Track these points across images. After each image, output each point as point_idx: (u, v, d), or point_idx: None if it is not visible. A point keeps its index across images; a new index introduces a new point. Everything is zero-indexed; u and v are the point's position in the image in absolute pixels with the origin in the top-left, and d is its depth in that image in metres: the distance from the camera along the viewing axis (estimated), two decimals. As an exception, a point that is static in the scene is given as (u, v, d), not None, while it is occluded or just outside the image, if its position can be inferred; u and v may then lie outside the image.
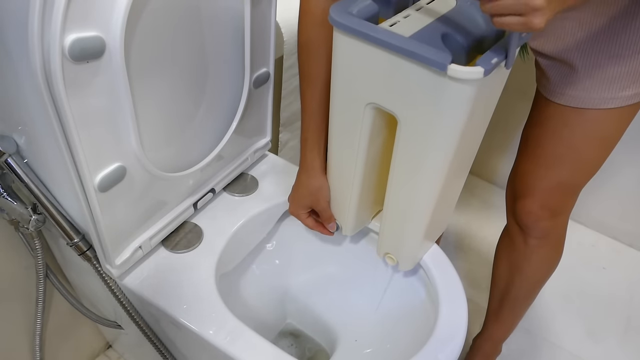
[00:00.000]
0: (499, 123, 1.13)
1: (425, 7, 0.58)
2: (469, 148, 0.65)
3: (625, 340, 1.24)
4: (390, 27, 0.54)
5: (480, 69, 0.48)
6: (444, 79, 0.50)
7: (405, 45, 0.51)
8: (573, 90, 0.69)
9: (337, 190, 0.74)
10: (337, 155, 0.70)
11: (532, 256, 0.87)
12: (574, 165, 0.75)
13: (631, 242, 1.47)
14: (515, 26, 0.44)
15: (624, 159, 1.35)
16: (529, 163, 0.79)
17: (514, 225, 0.87)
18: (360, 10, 0.55)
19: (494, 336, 1.06)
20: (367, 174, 0.69)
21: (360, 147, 0.65)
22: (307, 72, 0.67)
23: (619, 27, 0.63)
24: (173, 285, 0.70)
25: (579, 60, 0.67)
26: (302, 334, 0.98)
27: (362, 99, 0.59)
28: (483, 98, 0.55)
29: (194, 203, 0.78)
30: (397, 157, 0.62)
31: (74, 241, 0.68)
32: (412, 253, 0.75)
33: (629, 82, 0.66)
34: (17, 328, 0.87)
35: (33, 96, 0.50)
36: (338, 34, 0.56)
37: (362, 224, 0.80)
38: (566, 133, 0.72)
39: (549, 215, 0.80)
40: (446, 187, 0.64)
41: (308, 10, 0.63)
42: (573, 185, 0.78)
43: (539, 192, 0.78)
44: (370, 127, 0.62)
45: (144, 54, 0.56)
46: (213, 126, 0.76)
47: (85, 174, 0.55)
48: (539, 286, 0.94)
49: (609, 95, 0.67)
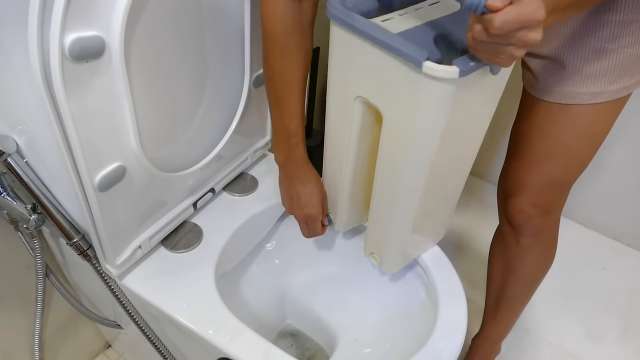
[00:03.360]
0: (498, 123, 1.13)
1: (426, 7, 0.58)
2: (459, 150, 0.65)
3: (625, 340, 1.24)
4: (381, 23, 0.54)
5: (456, 69, 0.48)
6: (420, 75, 0.50)
7: (386, 39, 0.51)
8: (561, 87, 0.69)
9: (330, 183, 0.75)
10: (330, 148, 0.70)
11: (525, 255, 0.87)
12: (564, 162, 0.75)
13: (631, 243, 1.47)
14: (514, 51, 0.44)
15: (624, 160, 1.35)
16: (519, 161, 0.79)
17: (506, 225, 0.86)
18: (356, 5, 0.56)
19: (492, 336, 1.06)
20: (359, 169, 0.69)
21: (351, 141, 0.65)
22: (286, 77, 0.68)
23: (604, 21, 0.62)
24: (173, 284, 0.70)
25: (567, 56, 0.66)
26: (302, 333, 0.98)
27: (351, 92, 0.60)
28: (466, 100, 0.55)
29: (194, 203, 0.78)
30: (381, 154, 0.63)
31: (73, 241, 0.68)
32: (396, 255, 0.74)
33: (616, 76, 0.65)
34: (17, 327, 0.87)
35: (33, 96, 0.50)
36: (333, 26, 0.57)
37: (356, 221, 0.80)
38: (555, 130, 0.72)
39: (541, 213, 0.80)
40: (432, 189, 0.64)
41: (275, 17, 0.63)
42: (563, 181, 0.78)
43: (530, 190, 0.78)
44: (360, 121, 0.63)
45: (143, 54, 0.56)
46: (213, 126, 0.76)
47: (85, 173, 0.55)
48: (535, 285, 0.94)
49: (597, 89, 0.67)
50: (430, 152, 0.57)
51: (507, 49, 0.44)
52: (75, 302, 0.86)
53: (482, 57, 0.47)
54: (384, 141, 0.61)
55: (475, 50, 0.47)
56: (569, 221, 1.52)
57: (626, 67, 0.65)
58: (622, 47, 0.64)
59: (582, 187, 1.44)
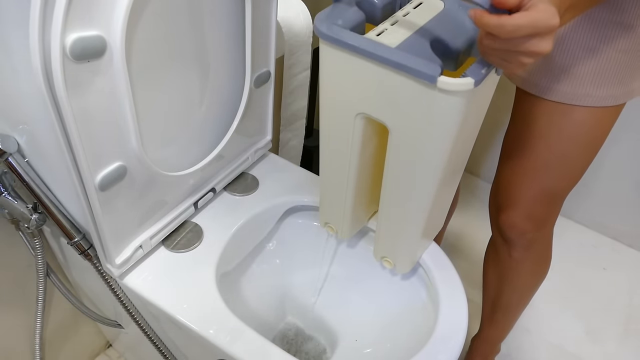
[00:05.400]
0: (497, 123, 1.13)
1: (413, 12, 0.57)
2: (462, 152, 0.65)
3: (625, 340, 1.24)
4: (377, 37, 0.53)
5: (471, 80, 0.47)
6: (434, 91, 0.49)
7: (393, 57, 0.49)
8: (547, 82, 0.67)
9: (331, 196, 0.73)
10: (329, 163, 0.69)
11: (518, 268, 0.85)
12: (560, 171, 0.73)
13: (631, 243, 1.47)
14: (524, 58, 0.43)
15: (624, 160, 1.35)
16: (513, 170, 0.77)
17: (498, 238, 0.85)
18: (346, 20, 0.53)
19: (491, 337, 1.06)
20: (361, 179, 0.69)
21: (353, 155, 0.64)
22: None
23: (598, 20, 0.61)
24: (173, 284, 0.70)
25: (556, 49, 0.65)
26: (302, 333, 0.98)
27: (352, 109, 0.58)
28: (474, 106, 0.55)
29: (195, 202, 0.78)
30: (390, 166, 0.61)
31: (74, 240, 0.68)
32: (408, 256, 0.74)
33: (602, 80, 0.64)
34: (18, 326, 0.87)
35: (34, 95, 0.50)
36: (324, 46, 0.54)
37: (359, 225, 0.80)
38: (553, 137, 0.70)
39: (534, 226, 0.78)
40: (440, 192, 0.63)
41: None
42: (558, 192, 0.76)
43: (524, 202, 0.76)
44: (362, 135, 0.61)
45: (145, 54, 0.56)
46: (214, 125, 0.76)
47: (86, 173, 0.55)
48: (531, 294, 0.92)
49: (582, 91, 0.65)
50: (442, 161, 0.56)
51: (517, 56, 0.43)
52: (76, 302, 0.86)
53: (493, 60, 0.46)
54: (392, 153, 0.59)
55: (486, 54, 0.46)
56: (569, 221, 1.52)
57: (616, 73, 0.64)
58: (613, 50, 0.62)
59: (582, 187, 1.44)
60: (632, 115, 1.27)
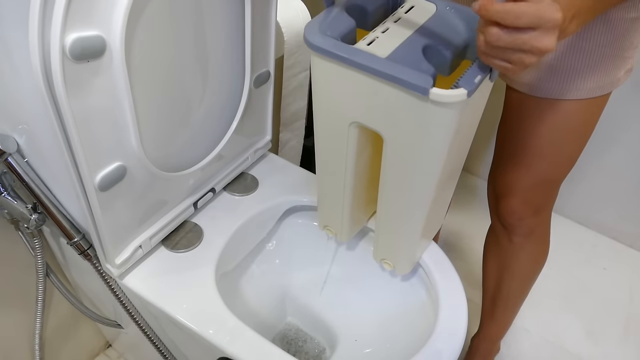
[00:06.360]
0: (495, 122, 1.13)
1: (404, 17, 0.57)
2: (458, 157, 0.65)
3: (625, 340, 1.24)
4: (368, 47, 0.52)
5: (463, 91, 0.47)
6: (427, 103, 0.48)
7: (384, 68, 0.48)
8: (535, 80, 0.69)
9: (329, 200, 0.73)
10: (325, 169, 0.68)
11: (519, 253, 0.87)
12: (553, 160, 0.75)
13: (631, 243, 1.47)
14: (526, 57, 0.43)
15: (624, 160, 1.35)
16: (508, 162, 0.79)
17: (498, 225, 0.87)
18: (336, 29, 0.52)
19: (491, 334, 1.06)
20: (358, 183, 0.68)
21: (348, 162, 0.64)
22: None
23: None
24: (173, 284, 0.70)
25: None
26: (302, 333, 0.98)
27: (345, 118, 0.58)
28: (468, 114, 0.54)
29: (194, 202, 0.78)
30: (386, 173, 0.61)
31: (74, 240, 0.68)
32: (407, 258, 0.74)
33: (588, 74, 0.66)
34: (18, 327, 0.87)
35: (33, 95, 0.50)
36: (315, 57, 0.53)
37: (358, 227, 0.80)
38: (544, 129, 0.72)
39: (532, 212, 0.80)
40: (437, 195, 0.63)
41: None
42: (554, 180, 0.78)
43: (521, 191, 0.78)
44: (356, 142, 0.61)
45: (144, 54, 0.56)
46: (213, 125, 0.76)
47: (86, 173, 0.55)
48: (530, 282, 0.94)
49: (570, 86, 0.67)
50: (438, 167, 0.56)
51: (518, 55, 0.43)
52: (75, 302, 0.86)
53: (492, 62, 0.46)
54: (388, 159, 0.59)
55: (485, 55, 0.46)
56: (569, 221, 1.52)
57: (600, 66, 0.65)
58: (598, 46, 0.63)
59: (582, 187, 1.44)
60: (632, 115, 1.28)
